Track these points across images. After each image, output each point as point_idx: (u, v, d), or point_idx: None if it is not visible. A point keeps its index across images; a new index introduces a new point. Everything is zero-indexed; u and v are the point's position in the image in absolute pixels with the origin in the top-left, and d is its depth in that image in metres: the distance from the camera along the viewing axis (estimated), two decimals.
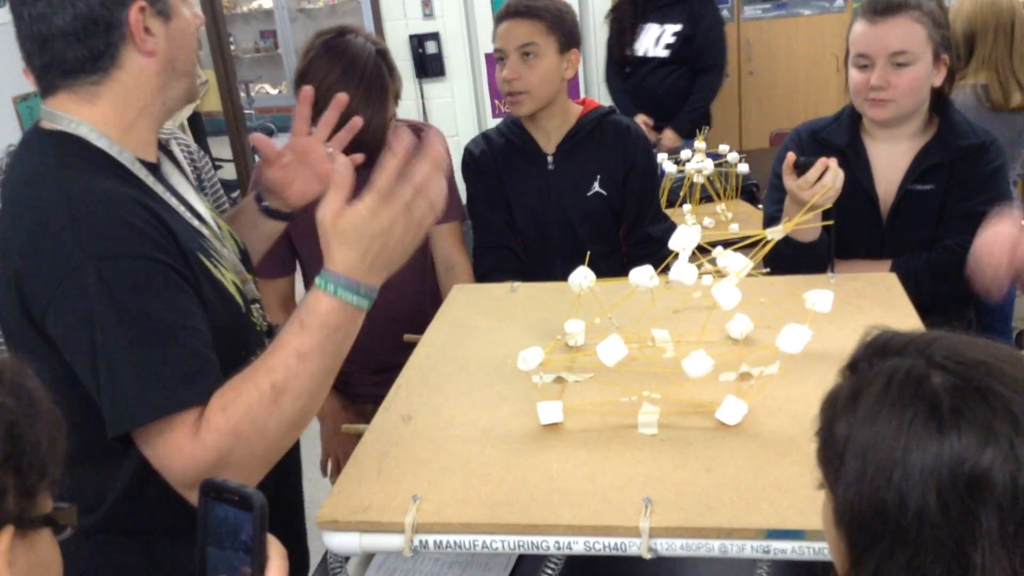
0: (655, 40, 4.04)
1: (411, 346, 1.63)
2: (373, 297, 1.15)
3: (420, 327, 1.71)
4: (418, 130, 2.11)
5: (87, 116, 1.20)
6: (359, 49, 1.85)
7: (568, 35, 2.02)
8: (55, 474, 0.79)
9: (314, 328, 1.13)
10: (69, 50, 1.17)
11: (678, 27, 3.99)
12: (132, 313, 1.10)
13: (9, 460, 0.73)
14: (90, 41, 1.17)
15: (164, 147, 1.36)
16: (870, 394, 0.75)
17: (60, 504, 0.80)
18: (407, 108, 5.45)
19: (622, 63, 4.12)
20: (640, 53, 4.06)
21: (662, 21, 4.03)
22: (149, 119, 1.25)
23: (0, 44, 2.01)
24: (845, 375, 0.82)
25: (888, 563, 0.72)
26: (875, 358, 0.79)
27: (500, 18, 2.01)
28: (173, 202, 1.25)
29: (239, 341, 1.27)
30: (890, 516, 0.71)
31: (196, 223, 1.28)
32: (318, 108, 1.54)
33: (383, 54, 1.88)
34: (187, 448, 1.09)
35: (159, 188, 1.24)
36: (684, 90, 3.96)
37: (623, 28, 4.09)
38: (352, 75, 1.80)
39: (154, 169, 1.27)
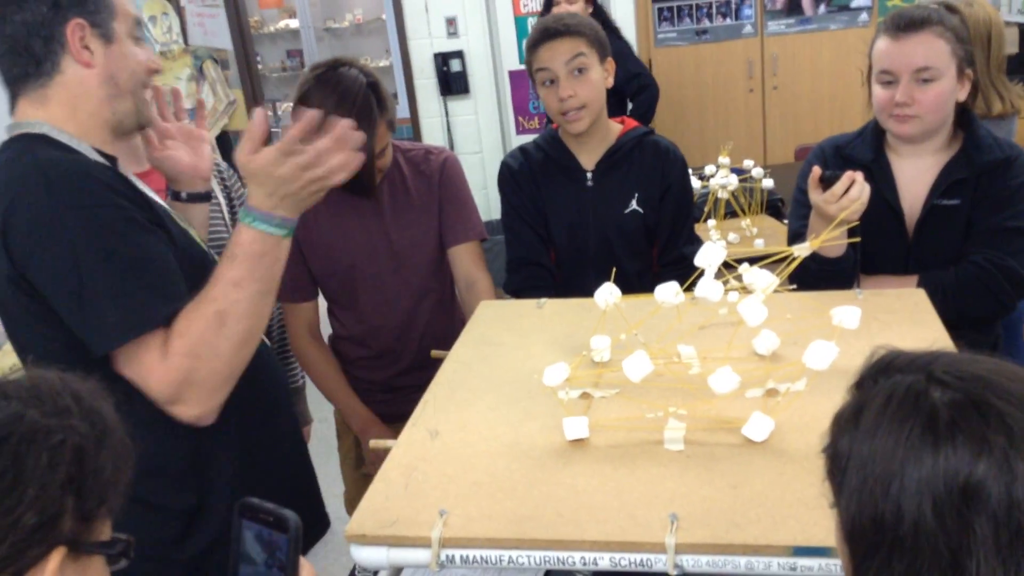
0: None
1: (431, 364, 1.65)
2: (289, 227, 1.34)
3: (439, 344, 1.73)
4: (429, 153, 2.13)
5: (43, 117, 1.36)
6: (351, 82, 1.89)
7: (603, 46, 2.04)
8: (116, 503, 0.80)
9: (241, 258, 1.31)
10: (17, 55, 1.35)
11: None
12: (106, 250, 1.27)
13: (72, 483, 0.75)
14: (35, 46, 1.34)
15: None
16: (871, 410, 0.77)
17: (119, 535, 0.81)
18: (432, 125, 5.50)
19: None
20: None
21: None
22: (102, 124, 1.40)
23: None
24: (852, 393, 0.84)
25: (886, 573, 0.73)
26: (879, 376, 0.80)
27: (538, 42, 2.01)
28: (138, 184, 1.43)
29: (205, 277, 1.37)
30: (887, 527, 0.72)
31: (162, 203, 1.47)
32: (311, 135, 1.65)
33: (374, 86, 1.92)
34: (158, 368, 1.28)
35: (122, 171, 1.41)
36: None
37: None
38: (344, 107, 1.85)
39: (114, 162, 1.41)
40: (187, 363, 1.27)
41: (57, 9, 1.33)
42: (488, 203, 4.93)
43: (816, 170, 1.69)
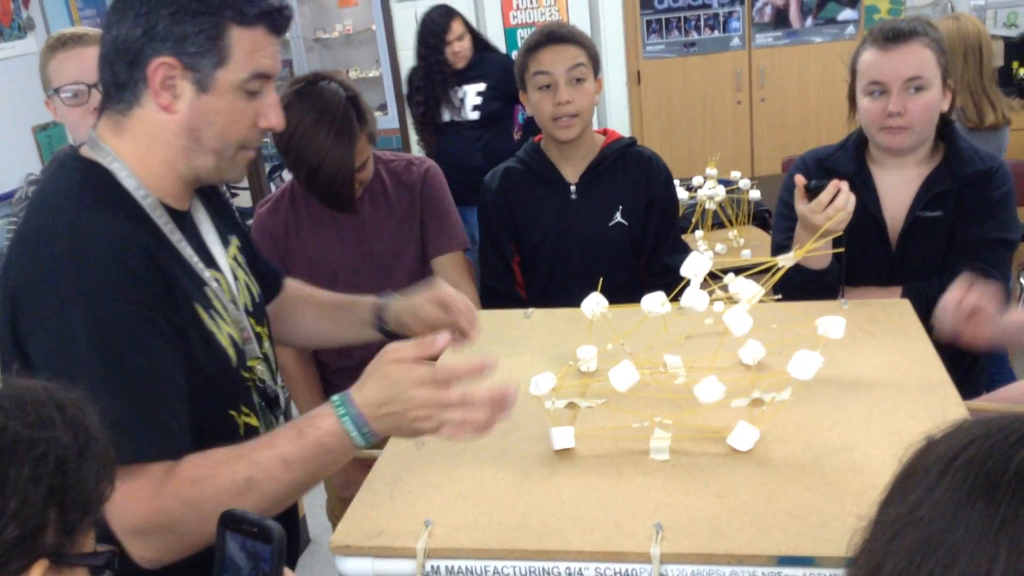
0: (462, 104, 4.08)
1: None
2: (370, 443, 1.15)
3: None
4: (411, 164, 2.13)
5: (119, 149, 1.22)
6: (331, 96, 1.90)
7: (598, 61, 2.06)
8: (100, 514, 0.79)
9: (309, 442, 1.12)
10: (105, 69, 1.21)
11: (481, 86, 4.03)
12: (113, 356, 1.11)
13: (54, 495, 0.74)
14: (117, 67, 1.19)
15: (208, 191, 1.39)
16: None
17: (102, 547, 0.80)
18: None
19: (435, 131, 4.15)
20: (447, 119, 4.11)
21: (462, 83, 4.08)
22: (175, 176, 1.24)
23: (21, 74, 2.06)
24: None
25: None
26: None
27: (539, 44, 2.02)
28: (186, 252, 1.25)
29: (224, 395, 1.27)
30: None
31: (206, 274, 1.27)
32: (291, 151, 1.80)
33: (354, 100, 1.93)
34: (145, 502, 1.08)
35: (175, 237, 1.24)
36: (503, 151, 3.20)
37: (427, 99, 4.11)
38: (324, 122, 1.86)
39: (179, 216, 1.27)
40: (183, 512, 1.09)
41: (150, 39, 1.16)
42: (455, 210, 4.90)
43: (800, 179, 1.69)
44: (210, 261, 1.31)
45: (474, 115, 4.08)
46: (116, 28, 1.18)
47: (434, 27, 4.05)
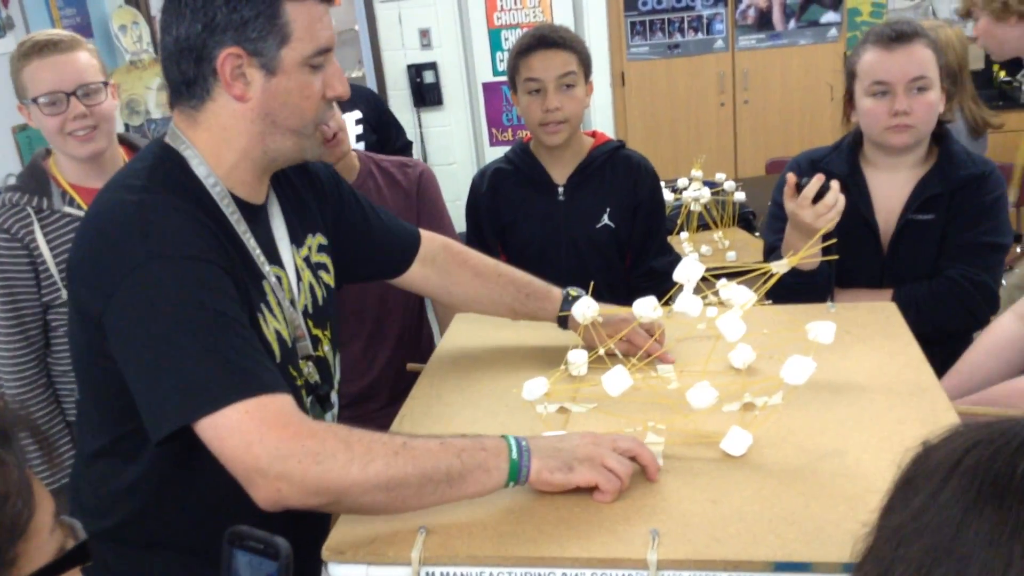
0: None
1: (404, 377, 1.64)
2: (520, 475, 1.16)
3: (408, 355, 1.72)
4: (405, 165, 2.13)
5: (195, 139, 1.24)
6: None
7: (589, 65, 2.06)
8: (32, 534, 0.70)
9: (469, 441, 1.16)
10: (172, 68, 1.23)
11: (358, 114, 3.90)
12: (194, 304, 1.12)
13: None
14: (184, 66, 1.21)
15: (296, 191, 1.39)
16: None
17: (69, 543, 0.74)
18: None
19: None
20: None
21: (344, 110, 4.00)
22: (250, 163, 1.26)
23: (0, 75, 2.03)
24: None
25: None
26: None
27: (530, 48, 2.01)
28: (250, 244, 1.26)
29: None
30: None
31: (267, 268, 1.28)
32: None
33: None
34: (287, 434, 1.07)
35: (240, 227, 1.25)
36: None
37: None
38: None
39: (250, 209, 1.27)
40: (334, 446, 1.09)
41: (211, 32, 1.17)
42: (460, 215, 4.90)
43: (791, 177, 1.70)
44: (274, 257, 1.31)
45: (359, 146, 3.89)
46: (175, 28, 1.19)
47: None
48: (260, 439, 1.07)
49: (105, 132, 1.95)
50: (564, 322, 1.62)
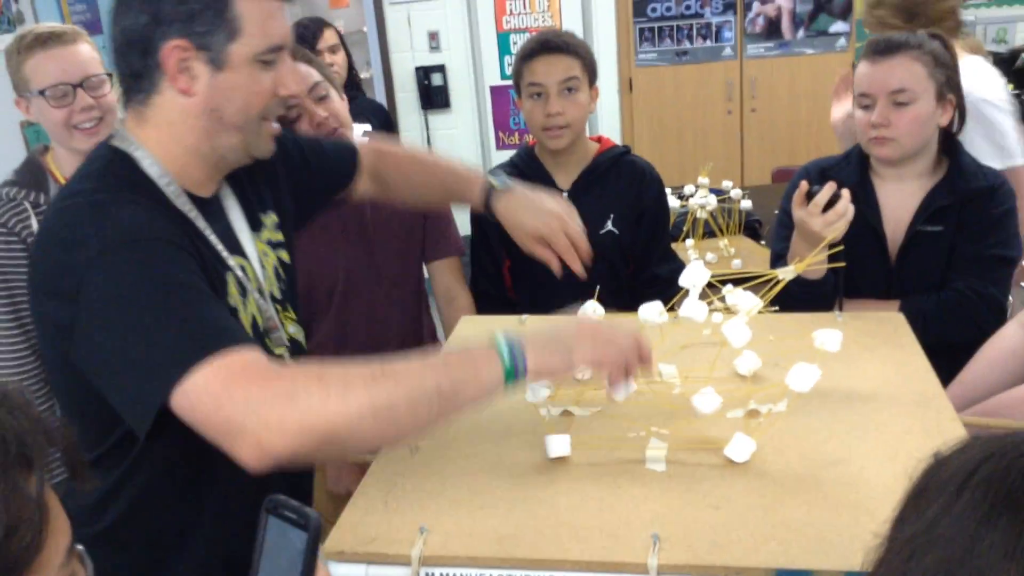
0: None
1: None
2: (516, 376, 1.12)
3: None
4: None
5: (143, 138, 1.21)
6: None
7: (594, 70, 2.06)
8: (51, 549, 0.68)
9: (457, 353, 1.16)
10: (119, 62, 1.20)
11: (367, 126, 3.89)
12: (152, 284, 1.09)
13: None
14: (131, 58, 1.18)
15: (248, 174, 1.37)
16: None
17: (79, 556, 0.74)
18: (412, 139, 5.48)
19: None
20: None
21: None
22: (199, 159, 1.24)
23: (6, 70, 2.03)
24: None
25: None
26: None
27: (533, 53, 2.01)
28: (212, 239, 1.25)
29: None
30: None
31: (231, 261, 1.27)
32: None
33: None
34: (239, 388, 1.03)
35: (200, 223, 1.23)
36: None
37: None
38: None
39: (205, 203, 1.26)
40: (306, 385, 1.03)
41: (158, 24, 1.15)
42: (465, 218, 4.90)
43: (804, 184, 1.70)
44: (236, 248, 1.30)
45: None
46: (122, 19, 1.17)
47: (304, 33, 3.63)
48: (229, 395, 1.02)
49: (109, 124, 1.95)
50: (489, 208, 1.63)
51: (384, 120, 3.74)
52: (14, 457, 0.65)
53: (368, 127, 3.87)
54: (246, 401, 1.02)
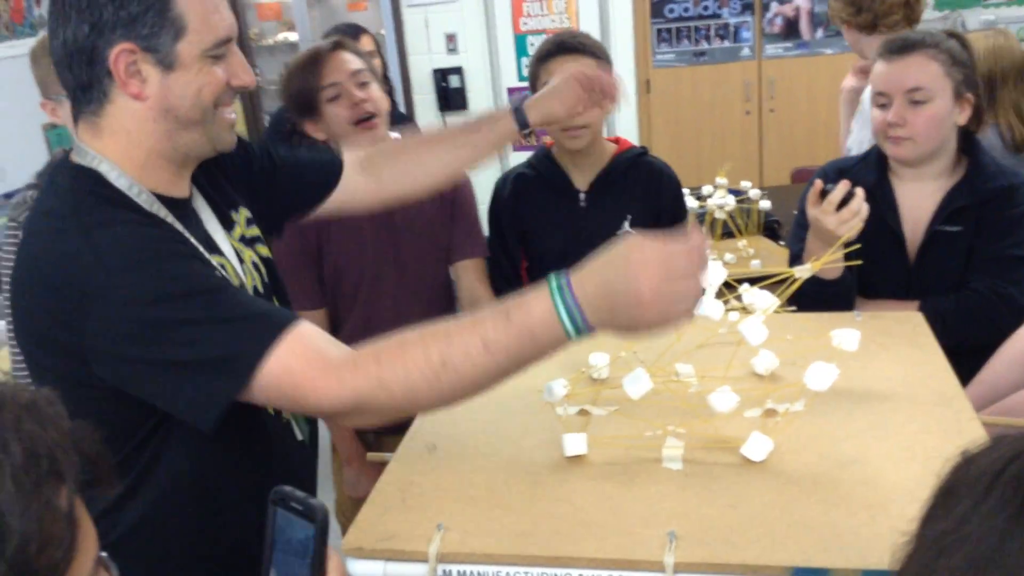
0: None
1: None
2: (583, 336, 1.06)
3: None
4: None
5: (102, 150, 1.19)
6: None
7: (609, 69, 2.06)
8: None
9: (515, 327, 1.06)
10: (63, 75, 1.18)
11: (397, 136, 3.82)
12: (177, 292, 1.11)
13: None
14: (76, 70, 1.16)
15: (208, 176, 1.37)
16: None
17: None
18: None
19: None
20: None
21: None
22: (163, 160, 1.22)
23: (30, 73, 2.06)
24: None
25: None
26: None
27: (550, 55, 2.02)
28: (192, 241, 1.24)
29: None
30: None
31: (212, 261, 1.27)
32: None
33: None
34: (323, 382, 1.09)
35: (178, 225, 1.23)
36: None
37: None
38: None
39: (178, 205, 1.25)
40: (369, 389, 1.10)
41: (100, 32, 1.13)
42: (483, 219, 4.92)
43: (818, 183, 1.69)
44: (213, 248, 1.30)
45: None
46: (62, 31, 1.15)
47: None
48: (303, 396, 1.10)
49: None
50: (524, 124, 1.60)
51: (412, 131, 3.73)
52: (46, 472, 0.66)
53: (398, 135, 3.87)
54: (317, 401, 1.11)
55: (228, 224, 1.37)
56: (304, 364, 1.10)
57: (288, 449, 1.39)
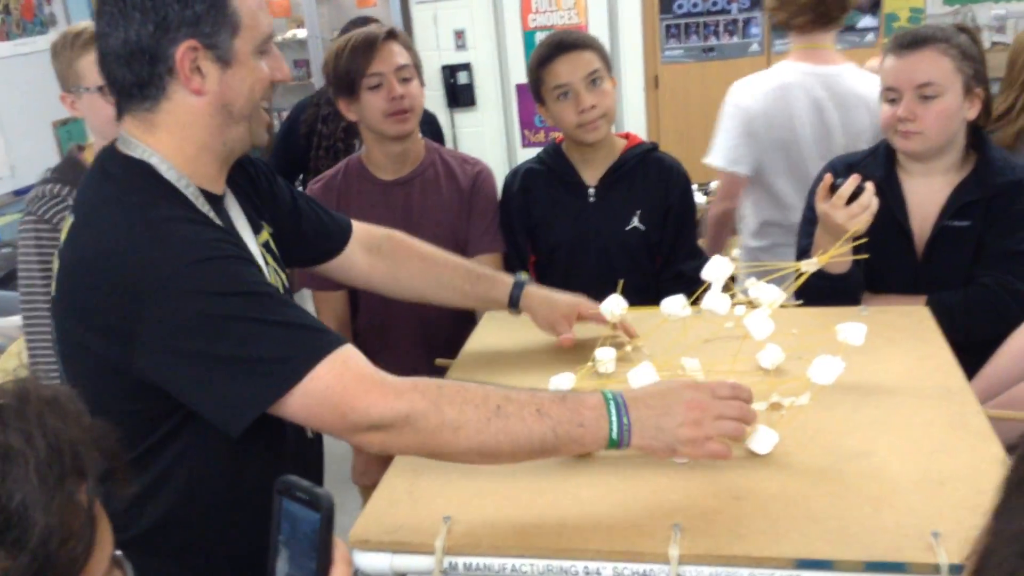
0: None
1: (438, 372, 1.65)
2: (621, 441, 1.16)
3: (455, 353, 1.74)
4: (465, 162, 2.17)
5: (153, 144, 1.22)
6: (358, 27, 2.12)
7: (608, 60, 2.08)
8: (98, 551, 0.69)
9: (569, 406, 1.16)
10: (120, 72, 1.21)
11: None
12: (236, 294, 1.14)
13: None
14: (136, 68, 1.19)
15: (233, 179, 1.39)
16: None
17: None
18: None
19: None
20: None
21: None
22: (211, 156, 1.26)
23: (42, 69, 2.07)
24: None
25: None
26: None
27: (551, 57, 2.02)
28: (246, 246, 1.29)
29: None
30: None
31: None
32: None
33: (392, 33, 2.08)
34: (378, 393, 1.13)
35: (219, 221, 1.26)
36: None
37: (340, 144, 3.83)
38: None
39: (216, 201, 1.29)
40: (424, 408, 1.13)
41: (165, 31, 1.17)
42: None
43: (827, 177, 1.69)
44: (243, 246, 1.32)
45: None
46: (123, 31, 1.18)
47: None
48: (350, 405, 1.13)
49: None
50: (515, 303, 1.67)
51: (434, 129, 3.74)
52: (68, 467, 0.67)
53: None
54: (367, 415, 1.13)
55: (256, 228, 1.40)
56: (358, 377, 1.14)
57: (302, 448, 1.42)
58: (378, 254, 1.65)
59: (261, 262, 1.35)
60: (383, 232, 1.68)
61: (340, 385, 1.12)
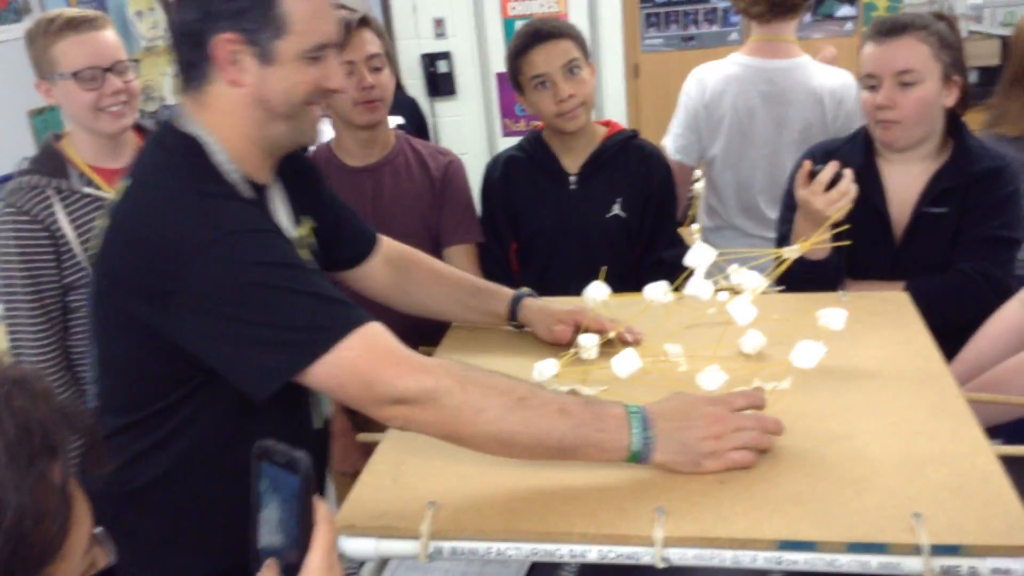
0: None
1: None
2: (642, 454, 1.18)
3: (435, 341, 1.74)
4: (437, 152, 2.16)
5: (203, 121, 1.27)
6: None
7: (586, 48, 2.08)
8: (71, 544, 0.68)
9: (592, 410, 1.18)
10: (178, 50, 1.27)
11: (400, 119, 3.78)
12: (275, 264, 1.18)
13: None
14: (184, 50, 1.26)
15: (292, 178, 1.43)
16: None
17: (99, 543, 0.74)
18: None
19: None
20: None
21: None
22: (254, 146, 1.30)
23: (17, 58, 2.04)
24: None
25: None
26: None
27: (528, 46, 2.01)
28: (280, 217, 1.34)
29: None
30: None
31: None
32: None
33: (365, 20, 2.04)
34: (407, 367, 1.15)
35: (260, 209, 1.30)
36: None
37: None
38: None
39: (259, 190, 1.32)
40: (448, 385, 1.15)
41: (207, 19, 1.22)
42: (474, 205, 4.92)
43: (807, 164, 1.70)
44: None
45: None
46: (177, 14, 1.25)
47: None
48: (378, 377, 1.14)
49: (134, 109, 1.98)
50: (513, 316, 1.66)
51: (415, 115, 3.73)
52: (39, 447, 0.66)
53: (401, 120, 3.87)
54: (393, 389, 1.15)
55: (296, 221, 1.42)
56: (387, 350, 1.16)
57: (307, 435, 1.45)
58: (393, 266, 1.67)
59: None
60: (398, 247, 1.70)
61: (369, 357, 1.15)
